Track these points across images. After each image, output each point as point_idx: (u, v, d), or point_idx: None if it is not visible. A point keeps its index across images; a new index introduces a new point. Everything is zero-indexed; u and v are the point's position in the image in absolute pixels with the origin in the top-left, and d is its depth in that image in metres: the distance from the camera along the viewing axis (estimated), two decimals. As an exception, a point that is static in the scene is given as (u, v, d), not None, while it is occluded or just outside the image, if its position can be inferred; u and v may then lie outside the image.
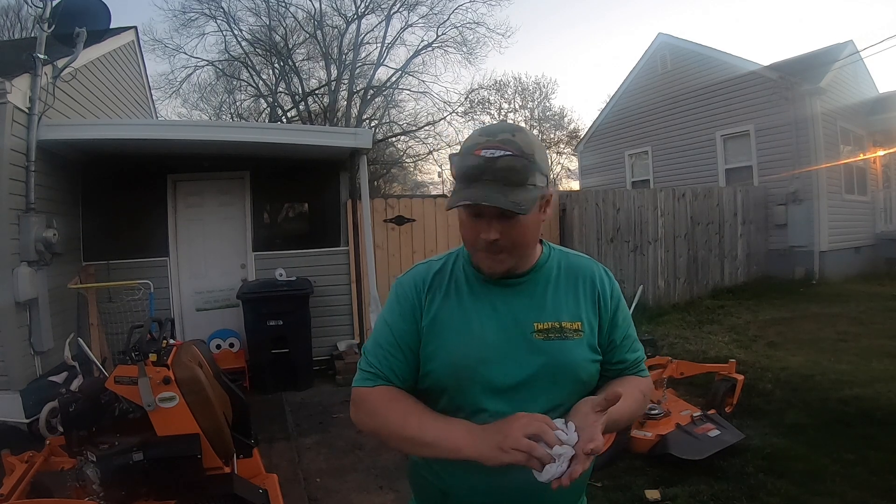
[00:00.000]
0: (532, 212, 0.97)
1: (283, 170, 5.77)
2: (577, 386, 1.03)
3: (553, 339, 1.02)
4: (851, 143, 9.87)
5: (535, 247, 1.07)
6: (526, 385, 1.00)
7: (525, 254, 1.04)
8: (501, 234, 0.96)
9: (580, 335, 1.04)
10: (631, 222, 7.63)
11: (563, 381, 1.01)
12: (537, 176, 0.96)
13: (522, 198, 0.94)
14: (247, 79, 18.88)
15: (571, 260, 1.12)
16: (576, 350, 1.03)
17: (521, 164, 0.94)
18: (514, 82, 23.11)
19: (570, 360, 1.02)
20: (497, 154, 0.93)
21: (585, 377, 1.04)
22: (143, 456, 2.11)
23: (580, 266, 1.11)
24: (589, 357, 1.05)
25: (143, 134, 4.77)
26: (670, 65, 11.06)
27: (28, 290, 4.01)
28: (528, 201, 0.94)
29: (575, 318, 1.05)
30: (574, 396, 1.00)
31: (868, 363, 4.77)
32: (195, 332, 5.46)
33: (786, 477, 2.88)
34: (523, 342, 1.01)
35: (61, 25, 4.42)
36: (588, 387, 1.05)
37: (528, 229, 0.99)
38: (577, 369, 1.03)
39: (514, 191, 0.93)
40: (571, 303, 1.06)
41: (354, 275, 5.53)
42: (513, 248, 1.00)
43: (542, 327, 1.02)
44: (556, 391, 1.01)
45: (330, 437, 3.86)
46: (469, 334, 1.01)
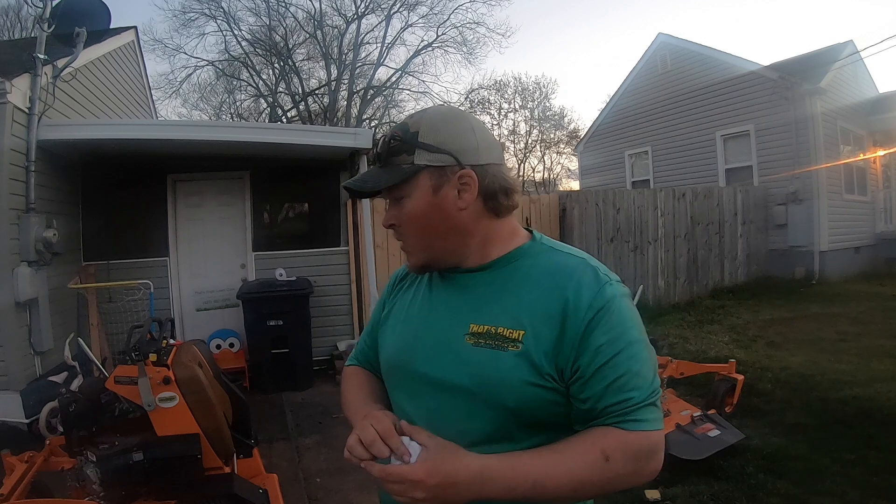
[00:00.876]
0: (420, 191, 0.87)
1: (282, 170, 5.77)
2: (500, 413, 0.82)
3: (482, 347, 0.83)
4: (851, 143, 9.87)
5: (453, 235, 0.90)
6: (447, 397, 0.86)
7: (436, 245, 0.91)
8: (396, 220, 0.92)
9: (517, 347, 0.81)
10: (631, 222, 7.63)
11: (484, 402, 0.82)
12: (420, 153, 0.86)
13: (385, 176, 0.89)
14: (247, 79, 18.93)
15: (556, 259, 0.89)
16: (506, 364, 0.81)
17: (389, 144, 0.89)
18: (514, 82, 23.21)
19: (495, 375, 0.81)
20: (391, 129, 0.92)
21: (512, 403, 0.81)
22: (143, 456, 2.11)
23: (562, 266, 0.87)
24: (523, 377, 0.80)
25: (143, 134, 4.77)
26: (670, 65, 11.06)
27: (28, 290, 4.01)
28: (388, 178, 0.88)
29: (517, 324, 0.83)
30: (496, 425, 0.82)
31: (868, 363, 4.77)
32: (195, 332, 5.46)
33: (786, 477, 2.88)
34: (454, 345, 0.86)
35: (61, 25, 4.43)
36: (520, 418, 0.82)
37: (417, 214, 0.88)
38: (500, 390, 0.81)
39: (382, 170, 0.90)
40: (523, 307, 0.84)
41: (354, 275, 5.53)
42: (407, 236, 0.92)
43: (476, 330, 0.85)
44: (475, 413, 0.83)
45: (330, 437, 3.86)
46: (406, 329, 0.97)
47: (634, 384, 0.80)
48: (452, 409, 0.85)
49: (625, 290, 0.86)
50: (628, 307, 0.85)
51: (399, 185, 0.88)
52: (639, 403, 0.79)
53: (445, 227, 0.89)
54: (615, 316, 0.81)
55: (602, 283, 0.83)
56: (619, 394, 0.79)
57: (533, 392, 0.81)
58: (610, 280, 0.85)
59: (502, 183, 0.90)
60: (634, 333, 0.82)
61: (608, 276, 0.86)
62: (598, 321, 0.80)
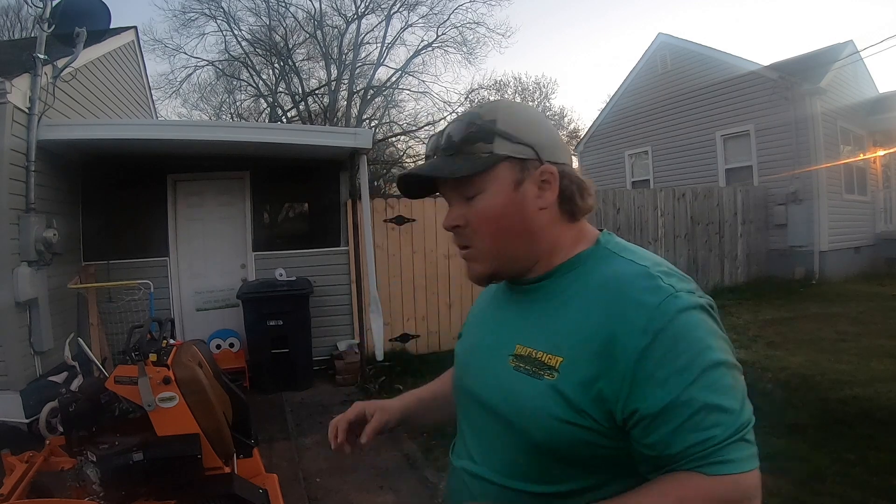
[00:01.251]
0: (500, 186, 0.77)
1: (283, 170, 5.77)
2: (531, 447, 0.73)
3: (521, 372, 0.75)
4: (851, 143, 9.87)
5: (528, 240, 0.80)
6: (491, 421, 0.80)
7: (508, 251, 0.80)
8: (465, 219, 0.80)
9: (552, 376, 0.71)
10: (631, 222, 7.63)
11: (520, 433, 0.74)
12: (500, 142, 0.77)
13: (461, 164, 0.77)
14: (247, 79, 18.89)
15: (614, 267, 0.75)
16: (537, 397, 0.72)
17: (464, 130, 0.78)
18: (514, 82, 23.14)
19: (526, 406, 0.73)
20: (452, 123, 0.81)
21: (539, 438, 0.72)
22: (143, 456, 2.11)
23: (616, 277, 0.73)
24: (551, 411, 0.70)
25: (143, 134, 4.77)
26: (670, 65, 11.06)
27: (28, 290, 4.01)
28: (467, 167, 0.77)
29: (556, 349, 0.72)
30: (532, 460, 0.74)
31: (868, 363, 4.77)
32: (195, 332, 5.46)
33: (786, 477, 2.88)
34: (498, 366, 0.79)
35: (61, 25, 4.42)
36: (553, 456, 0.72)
37: (496, 212, 0.78)
38: (528, 422, 0.72)
39: (454, 158, 0.78)
40: (565, 328, 0.73)
41: (354, 275, 5.53)
42: (478, 239, 0.80)
43: (520, 352, 0.77)
44: (514, 444, 0.76)
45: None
46: (465, 343, 0.93)
47: (715, 420, 0.64)
48: (497, 437, 0.79)
49: (698, 301, 0.70)
50: (701, 322, 0.69)
51: (473, 178, 0.77)
52: (722, 442, 0.64)
53: (522, 228, 0.79)
54: (682, 337, 0.66)
55: (664, 295, 0.68)
56: (696, 434, 0.64)
57: (563, 429, 0.70)
58: (676, 291, 0.69)
59: (578, 183, 0.81)
60: (711, 356, 0.66)
61: (675, 285, 0.70)
62: (658, 347, 0.66)
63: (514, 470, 0.76)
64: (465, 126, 0.78)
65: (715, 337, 0.69)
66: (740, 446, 0.66)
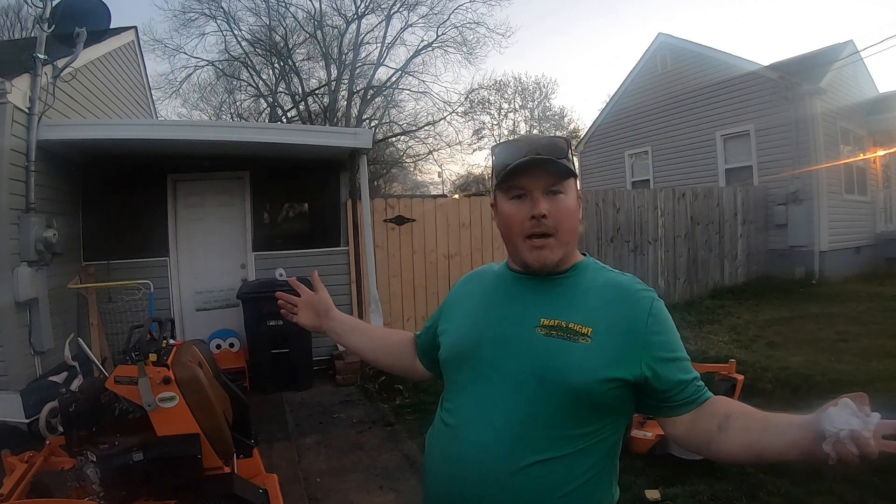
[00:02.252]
0: (573, 194, 1.02)
1: (283, 170, 5.77)
2: (567, 397, 0.93)
3: (554, 337, 0.96)
4: (851, 143, 9.87)
5: (577, 238, 1.05)
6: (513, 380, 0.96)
7: (571, 244, 1.03)
8: (549, 211, 0.99)
9: (587, 340, 0.94)
10: (631, 222, 7.63)
11: (550, 384, 0.93)
12: (572, 165, 1.04)
13: (565, 165, 1.01)
14: (247, 79, 18.91)
15: (612, 276, 1.05)
16: (577, 355, 0.93)
17: (562, 143, 1.03)
18: (514, 82, 23.20)
19: (566, 363, 0.93)
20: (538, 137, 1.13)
21: (578, 385, 0.92)
22: (143, 456, 2.11)
23: (620, 282, 1.03)
24: (590, 366, 0.93)
25: (143, 134, 4.77)
26: (670, 65, 11.06)
27: (28, 290, 4.01)
28: (568, 170, 1.01)
29: (587, 322, 0.96)
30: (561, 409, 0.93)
31: (868, 363, 4.77)
32: (195, 332, 5.46)
33: (786, 477, 2.88)
34: (524, 333, 0.98)
35: (61, 25, 4.42)
36: (582, 401, 0.93)
37: (572, 211, 1.02)
38: (569, 374, 0.93)
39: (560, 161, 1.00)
40: (591, 310, 0.98)
41: (354, 275, 5.53)
42: (560, 229, 1.00)
43: (547, 323, 0.97)
44: (539, 397, 0.94)
45: (330, 437, 3.86)
46: (471, 320, 1.07)
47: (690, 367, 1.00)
48: (517, 392, 0.95)
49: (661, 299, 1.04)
50: (667, 311, 1.03)
51: (566, 179, 1.01)
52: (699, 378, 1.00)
53: (577, 229, 1.04)
54: (665, 317, 1.00)
55: (651, 294, 1.02)
56: (688, 374, 0.98)
57: (598, 381, 0.92)
58: (653, 294, 1.03)
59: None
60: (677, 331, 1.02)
61: (651, 290, 1.04)
62: (655, 322, 0.98)
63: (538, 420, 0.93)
64: (567, 145, 1.04)
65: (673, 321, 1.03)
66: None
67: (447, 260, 6.04)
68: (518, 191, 1.01)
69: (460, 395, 1.04)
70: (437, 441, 1.07)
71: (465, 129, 21.89)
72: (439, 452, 1.05)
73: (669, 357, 0.97)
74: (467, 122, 20.77)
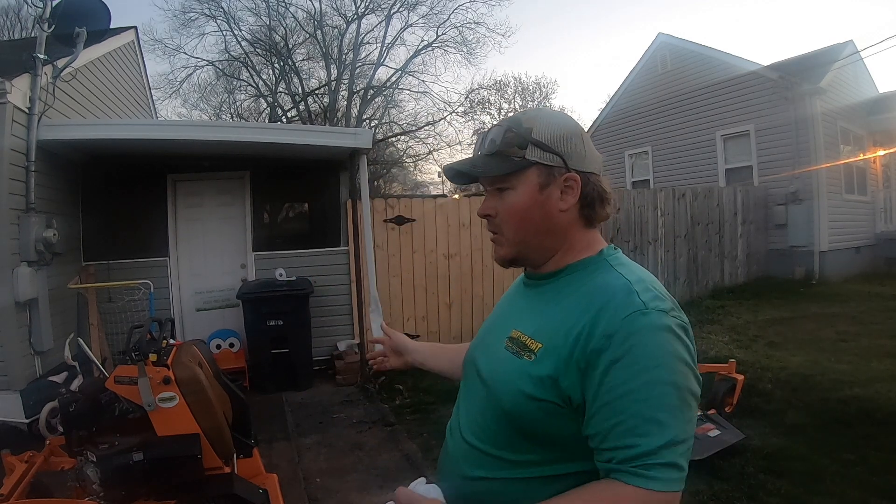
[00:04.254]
0: (527, 187, 0.89)
1: (283, 170, 5.76)
2: (500, 414, 0.86)
3: (508, 350, 0.89)
4: (851, 143, 9.87)
5: (545, 235, 0.91)
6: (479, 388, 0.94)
7: (529, 241, 0.92)
8: (495, 210, 0.94)
9: (530, 357, 0.84)
10: (631, 222, 7.63)
11: (493, 400, 0.89)
12: (532, 149, 0.88)
13: (495, 164, 0.90)
14: (247, 79, 18.90)
15: (604, 277, 0.86)
16: (513, 372, 0.85)
17: (502, 134, 0.91)
18: (514, 82, 23.18)
19: (503, 378, 0.87)
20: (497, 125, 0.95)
21: (509, 407, 0.84)
22: (143, 456, 2.11)
23: (602, 286, 0.84)
24: (522, 387, 0.82)
25: (143, 134, 4.76)
26: (670, 65, 11.06)
27: (28, 290, 4.01)
28: (499, 167, 0.90)
29: (539, 337, 0.85)
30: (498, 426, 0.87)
31: (868, 363, 4.77)
32: (195, 332, 5.46)
33: (786, 477, 2.88)
34: (497, 344, 0.93)
35: (61, 25, 4.42)
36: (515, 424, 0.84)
37: (519, 208, 0.90)
38: (501, 393, 0.86)
39: (491, 158, 0.91)
40: (551, 321, 0.85)
41: (354, 275, 5.53)
42: (505, 228, 0.93)
43: (513, 335, 0.90)
44: (487, 409, 0.90)
45: (330, 437, 3.86)
46: (486, 325, 1.07)
47: (644, 430, 0.71)
48: (479, 400, 0.94)
49: (666, 322, 0.76)
50: (662, 342, 0.75)
51: (506, 176, 0.91)
52: (647, 454, 0.71)
53: (543, 225, 0.91)
54: (636, 349, 0.74)
55: (633, 309, 0.76)
56: (623, 438, 0.72)
57: (529, 404, 0.82)
58: (647, 308, 0.76)
59: (600, 192, 0.92)
60: (658, 373, 0.73)
61: (648, 302, 0.77)
62: (612, 352, 0.74)
63: (485, 433, 0.90)
64: (504, 131, 0.91)
65: (672, 357, 0.75)
66: (667, 469, 0.71)
67: (447, 260, 6.04)
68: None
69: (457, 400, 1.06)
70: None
71: (465, 129, 21.86)
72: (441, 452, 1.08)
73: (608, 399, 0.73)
74: (467, 122, 20.77)
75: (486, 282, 6.19)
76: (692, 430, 0.75)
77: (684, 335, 0.78)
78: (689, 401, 0.75)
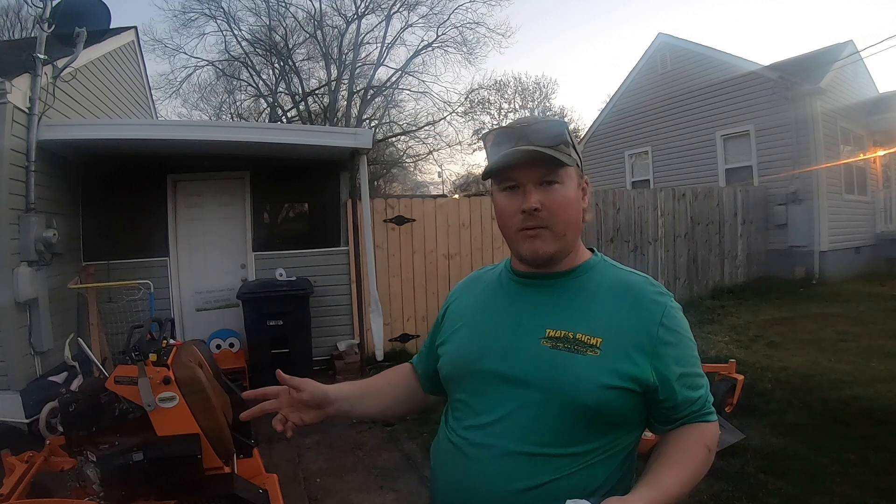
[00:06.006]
0: (571, 183, 0.94)
1: (283, 170, 5.77)
2: (577, 412, 0.87)
3: (561, 350, 0.89)
4: (851, 143, 9.87)
5: (577, 232, 0.97)
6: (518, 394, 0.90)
7: (568, 237, 0.95)
8: (542, 204, 0.91)
9: (596, 353, 0.88)
10: (631, 222, 7.63)
11: (559, 401, 0.88)
12: (573, 151, 0.95)
13: (562, 155, 0.92)
14: (247, 79, 18.90)
15: (623, 276, 0.97)
16: (585, 368, 0.87)
17: (557, 128, 0.94)
18: (514, 82, 23.15)
19: (573, 377, 0.87)
20: (532, 122, 0.96)
21: (591, 402, 0.87)
22: (143, 456, 2.11)
23: (632, 283, 0.95)
24: (602, 381, 0.87)
25: (143, 134, 4.77)
26: (670, 65, 11.06)
27: (28, 290, 4.01)
28: (568, 159, 0.93)
29: (595, 332, 0.89)
30: (566, 425, 0.88)
31: (868, 363, 4.77)
32: (195, 332, 5.46)
33: (786, 477, 2.88)
34: (529, 345, 0.91)
35: (61, 25, 4.42)
36: (598, 417, 0.88)
37: (570, 202, 0.94)
38: (579, 389, 0.87)
39: (553, 149, 0.92)
40: (599, 316, 0.91)
41: (354, 275, 5.53)
42: (555, 222, 0.92)
43: (553, 334, 0.90)
44: (545, 413, 0.88)
45: (330, 437, 3.86)
46: (475, 331, 1.01)
47: (699, 383, 0.95)
48: (527, 407, 0.90)
49: (677, 304, 0.97)
50: (683, 318, 0.96)
51: (558, 169, 0.93)
52: (705, 399, 0.96)
53: (577, 221, 0.96)
54: (679, 327, 0.94)
55: (665, 299, 0.95)
56: (694, 392, 0.93)
57: (610, 394, 0.87)
58: (669, 296, 0.96)
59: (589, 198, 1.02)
60: (692, 342, 0.96)
61: (667, 293, 0.96)
62: (667, 333, 0.91)
63: (548, 437, 0.88)
64: (564, 129, 0.95)
65: (689, 327, 0.98)
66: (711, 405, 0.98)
67: (447, 260, 6.04)
68: (510, 182, 0.94)
69: (465, 414, 0.97)
70: (443, 462, 1.00)
71: (465, 129, 21.90)
72: (446, 476, 0.99)
73: (679, 372, 0.91)
74: (467, 122, 20.82)
75: (486, 282, 6.17)
76: None
77: None
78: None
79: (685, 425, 0.94)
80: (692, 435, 0.93)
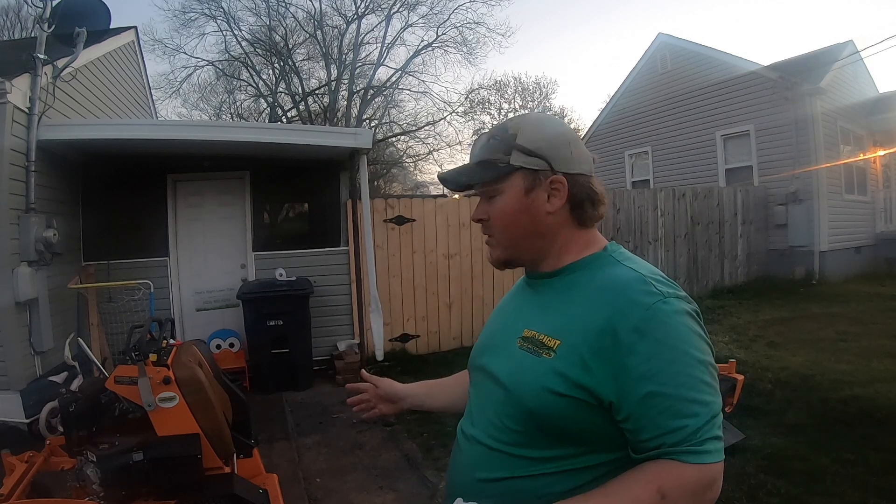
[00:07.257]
0: (514, 192, 0.92)
1: (283, 170, 5.76)
2: (523, 415, 0.85)
3: (524, 350, 0.88)
4: (851, 143, 9.87)
5: (534, 237, 0.93)
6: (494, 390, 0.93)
7: (523, 244, 0.95)
8: (486, 215, 0.97)
9: (550, 355, 0.83)
10: (631, 222, 7.63)
11: (514, 401, 0.87)
12: (516, 154, 0.90)
13: (479, 173, 0.95)
14: (247, 79, 18.92)
15: (614, 272, 0.87)
16: (533, 370, 0.84)
17: (487, 142, 0.95)
18: (514, 82, 23.17)
19: (524, 378, 0.85)
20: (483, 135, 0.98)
21: (533, 406, 0.83)
22: (143, 456, 2.11)
23: (615, 281, 0.85)
24: (546, 384, 0.82)
25: (143, 134, 4.77)
26: (670, 65, 11.06)
27: (28, 290, 4.01)
28: (483, 175, 0.94)
29: (556, 334, 0.85)
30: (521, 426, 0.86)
31: (868, 363, 4.77)
32: (195, 332, 5.45)
33: (786, 477, 2.88)
34: (509, 344, 0.93)
35: (61, 25, 4.42)
36: (539, 422, 0.83)
37: (507, 212, 0.93)
38: (524, 393, 0.85)
39: (478, 166, 0.95)
40: (568, 317, 0.86)
41: (354, 275, 5.53)
42: (496, 231, 0.96)
43: (527, 334, 0.90)
44: (506, 411, 0.89)
45: (330, 437, 3.86)
46: (487, 329, 1.07)
47: (690, 410, 0.75)
48: (495, 403, 0.92)
49: (685, 307, 0.82)
50: (684, 325, 0.80)
51: (492, 182, 0.94)
52: (697, 431, 0.74)
53: (532, 228, 0.93)
54: (668, 336, 0.77)
55: (654, 300, 0.79)
56: (672, 421, 0.74)
57: (554, 400, 0.81)
58: (665, 296, 0.80)
59: (590, 193, 0.93)
60: (691, 355, 0.77)
61: (665, 291, 0.81)
62: (646, 343, 0.77)
63: (505, 435, 0.88)
64: (488, 139, 0.95)
65: (696, 337, 0.81)
66: (715, 441, 0.76)
67: (447, 260, 6.04)
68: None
69: (468, 407, 1.04)
70: (452, 453, 1.07)
71: (465, 129, 21.89)
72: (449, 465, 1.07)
73: (647, 390, 0.75)
74: (467, 122, 20.82)
75: (486, 282, 6.19)
76: (719, 398, 0.80)
77: (698, 317, 0.85)
78: (714, 375, 0.81)
79: (653, 460, 0.76)
80: (646, 473, 0.76)
